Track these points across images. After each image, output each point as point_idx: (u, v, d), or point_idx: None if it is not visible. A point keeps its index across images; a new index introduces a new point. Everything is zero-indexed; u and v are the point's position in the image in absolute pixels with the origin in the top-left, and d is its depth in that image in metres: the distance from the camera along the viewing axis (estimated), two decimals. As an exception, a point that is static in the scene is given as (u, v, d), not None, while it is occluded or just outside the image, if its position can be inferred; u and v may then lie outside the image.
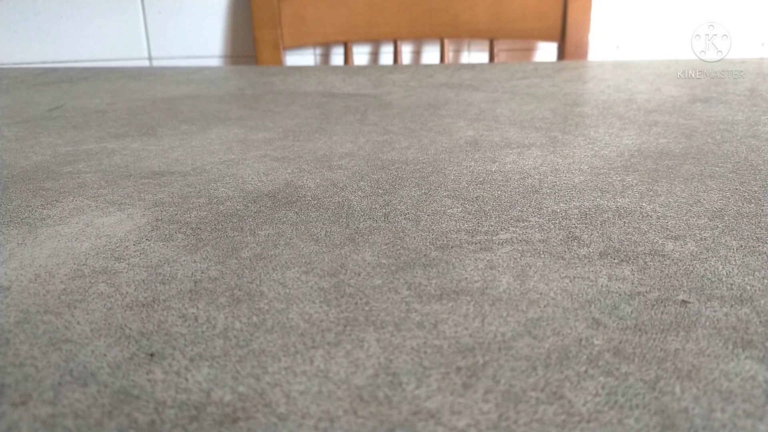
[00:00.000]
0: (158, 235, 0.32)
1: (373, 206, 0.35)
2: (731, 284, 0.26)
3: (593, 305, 0.24)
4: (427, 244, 0.30)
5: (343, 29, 1.20)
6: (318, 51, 1.27)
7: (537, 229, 0.31)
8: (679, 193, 0.36)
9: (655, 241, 0.30)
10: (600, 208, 0.34)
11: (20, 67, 1.19)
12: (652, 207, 0.34)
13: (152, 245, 0.31)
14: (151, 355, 0.22)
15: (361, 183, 0.39)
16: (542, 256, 0.29)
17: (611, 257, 0.28)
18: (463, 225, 0.32)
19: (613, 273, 0.27)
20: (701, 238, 0.30)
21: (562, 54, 1.17)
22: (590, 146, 0.47)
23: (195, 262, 0.29)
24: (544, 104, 0.63)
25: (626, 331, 0.22)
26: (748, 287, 0.25)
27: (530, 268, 0.27)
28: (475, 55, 1.28)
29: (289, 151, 0.47)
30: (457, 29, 1.19)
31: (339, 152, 0.46)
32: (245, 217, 0.34)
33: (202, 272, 0.28)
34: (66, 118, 0.61)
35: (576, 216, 0.33)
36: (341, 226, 0.32)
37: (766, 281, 0.26)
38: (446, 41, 1.20)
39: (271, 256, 0.29)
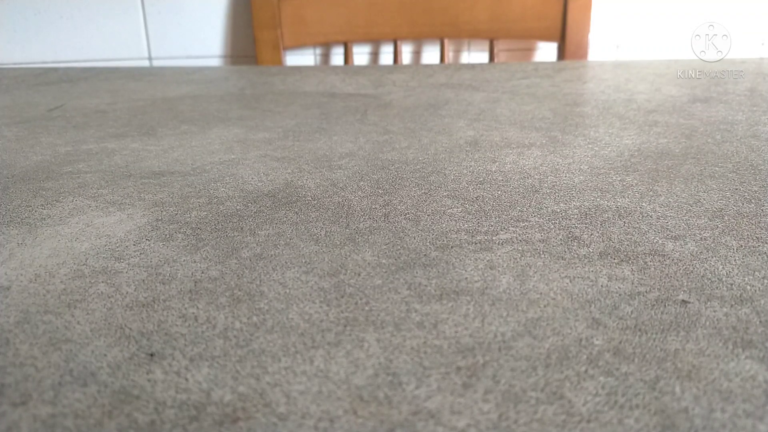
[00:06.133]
0: (158, 235, 0.32)
1: (373, 206, 0.35)
2: (731, 284, 0.26)
3: (593, 305, 0.24)
4: (427, 244, 0.30)
5: (343, 29, 1.20)
6: (318, 51, 1.27)
7: (537, 229, 0.31)
8: (679, 193, 0.36)
9: (655, 241, 0.30)
10: (600, 208, 0.34)
11: (20, 67, 1.19)
12: (652, 207, 0.34)
13: (152, 245, 0.31)
14: (151, 355, 0.22)
15: (361, 183, 0.39)
16: (542, 256, 0.29)
17: (611, 257, 0.28)
18: (463, 225, 0.32)
19: (613, 273, 0.27)
20: (701, 238, 0.30)
21: (562, 54, 1.17)
22: (590, 146, 0.47)
23: (195, 262, 0.29)
24: (544, 104, 0.63)
25: (626, 331, 0.22)
26: (748, 287, 0.25)
27: (530, 268, 0.27)
28: (475, 55, 1.28)
29: (289, 151, 0.47)
30: (457, 29, 1.19)
31: (339, 152, 0.46)
32: (245, 217, 0.34)
33: (202, 272, 0.28)
34: (66, 118, 0.61)
35: (576, 216, 0.33)
36: (341, 226, 0.32)
37: (766, 281, 0.26)
38: (446, 41, 1.20)
39: (271, 256, 0.29)
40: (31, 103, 0.70)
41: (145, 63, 1.26)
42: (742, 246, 0.29)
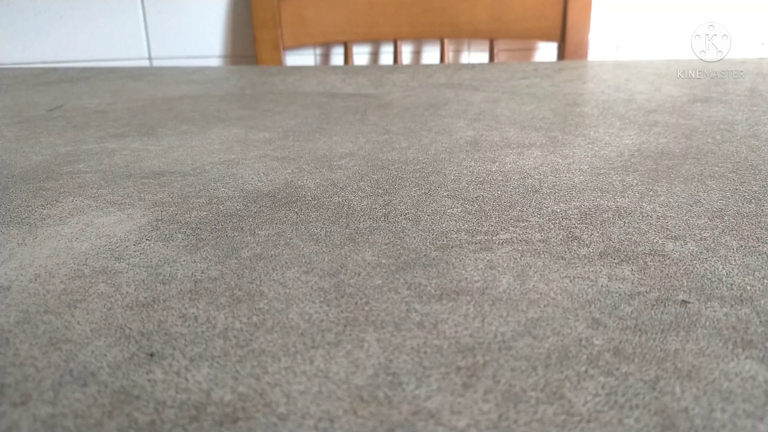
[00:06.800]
0: (158, 235, 0.32)
1: (373, 206, 0.35)
2: (731, 284, 0.26)
3: (593, 305, 0.24)
4: (427, 244, 0.30)
5: (343, 29, 1.20)
6: (318, 51, 1.27)
7: (537, 229, 0.31)
8: (679, 193, 0.36)
9: (655, 241, 0.30)
10: (600, 208, 0.34)
11: (20, 67, 1.19)
12: (652, 207, 0.34)
13: (152, 245, 0.31)
14: (151, 355, 0.22)
15: (361, 183, 0.39)
16: (542, 256, 0.29)
17: (611, 257, 0.28)
18: (463, 225, 0.32)
19: (613, 273, 0.27)
20: (701, 238, 0.30)
21: (562, 54, 1.17)
22: (590, 146, 0.47)
23: (195, 262, 0.29)
24: (544, 104, 0.63)
25: (626, 331, 0.22)
26: (748, 287, 0.25)
27: (530, 268, 0.27)
28: (475, 55, 1.28)
29: (289, 151, 0.47)
30: (457, 29, 1.19)
31: (339, 152, 0.46)
32: (245, 217, 0.34)
33: (202, 272, 0.28)
34: (66, 118, 0.61)
35: (576, 216, 0.33)
36: (341, 226, 0.32)
37: (766, 281, 0.26)
38: (446, 41, 1.20)
39: (271, 256, 0.29)
40: (31, 103, 0.70)
41: (145, 63, 1.26)
42: (742, 246, 0.29)
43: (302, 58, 1.27)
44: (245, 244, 0.30)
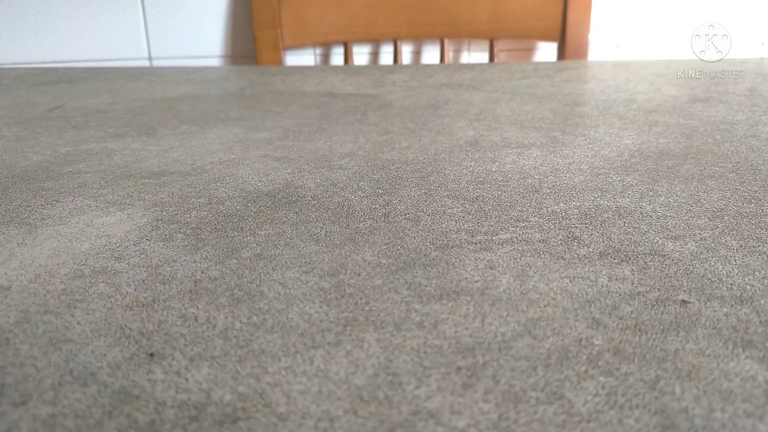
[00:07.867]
0: (158, 235, 0.32)
1: (373, 206, 0.35)
2: (731, 284, 0.26)
3: (593, 305, 0.24)
4: (427, 244, 0.30)
5: (343, 29, 1.20)
6: (318, 51, 1.27)
7: (537, 229, 0.31)
8: (679, 193, 0.36)
9: (655, 241, 0.30)
10: (600, 208, 0.34)
11: (20, 67, 1.19)
12: (652, 207, 0.34)
13: (152, 245, 0.31)
14: (151, 355, 0.22)
15: (361, 183, 0.39)
16: (542, 256, 0.29)
17: (611, 257, 0.28)
18: (463, 225, 0.32)
19: (613, 273, 0.27)
20: (701, 238, 0.30)
21: (562, 54, 1.17)
22: (590, 146, 0.47)
23: (195, 262, 0.29)
24: (544, 104, 0.63)
25: (626, 331, 0.22)
26: (748, 287, 0.25)
27: (530, 268, 0.27)
28: (475, 55, 1.28)
29: (289, 151, 0.47)
30: (457, 29, 1.19)
31: (339, 152, 0.46)
32: (245, 217, 0.34)
33: (202, 272, 0.28)
34: (66, 118, 0.61)
35: (576, 216, 0.33)
36: (341, 226, 0.32)
37: (766, 281, 0.26)
38: (446, 41, 1.20)
39: (271, 256, 0.29)
40: (31, 103, 0.70)
41: (145, 63, 1.26)
42: (742, 246, 0.29)
43: (302, 58, 1.27)
44: (245, 244, 0.30)
